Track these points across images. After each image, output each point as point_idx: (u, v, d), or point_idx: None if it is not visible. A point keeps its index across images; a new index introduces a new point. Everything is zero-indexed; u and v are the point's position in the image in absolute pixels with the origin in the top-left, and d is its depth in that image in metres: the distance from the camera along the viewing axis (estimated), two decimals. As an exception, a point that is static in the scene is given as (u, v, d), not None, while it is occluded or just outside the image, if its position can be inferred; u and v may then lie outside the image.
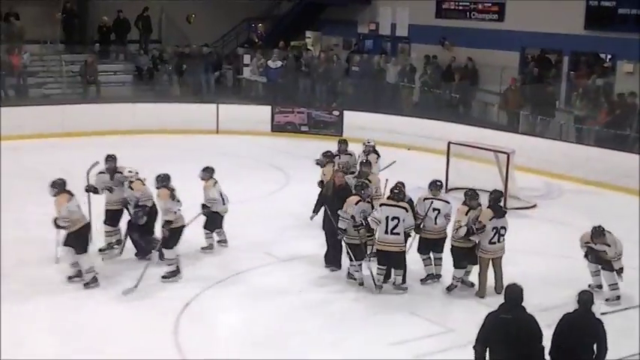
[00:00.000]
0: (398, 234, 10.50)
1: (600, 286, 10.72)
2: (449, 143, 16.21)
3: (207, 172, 11.89)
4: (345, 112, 21.40)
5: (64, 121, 20.22)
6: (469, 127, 19.06)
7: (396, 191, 10.74)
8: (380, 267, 10.76)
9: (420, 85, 22.30)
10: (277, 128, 21.86)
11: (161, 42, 25.58)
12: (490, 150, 15.63)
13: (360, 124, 20.25)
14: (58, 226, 10.47)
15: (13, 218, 12.89)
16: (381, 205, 10.70)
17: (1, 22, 22.96)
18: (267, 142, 20.48)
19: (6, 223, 12.54)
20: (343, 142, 14.06)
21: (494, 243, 10.53)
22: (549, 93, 19.94)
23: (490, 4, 22.50)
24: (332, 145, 14.16)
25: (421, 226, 10.91)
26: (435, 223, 10.95)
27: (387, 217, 10.45)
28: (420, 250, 11.14)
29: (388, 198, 10.87)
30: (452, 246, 10.86)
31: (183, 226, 11.01)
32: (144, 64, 23.98)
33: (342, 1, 26.43)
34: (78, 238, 10.48)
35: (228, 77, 24.96)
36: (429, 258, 11.13)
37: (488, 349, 7.33)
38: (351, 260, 10.87)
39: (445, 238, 11.03)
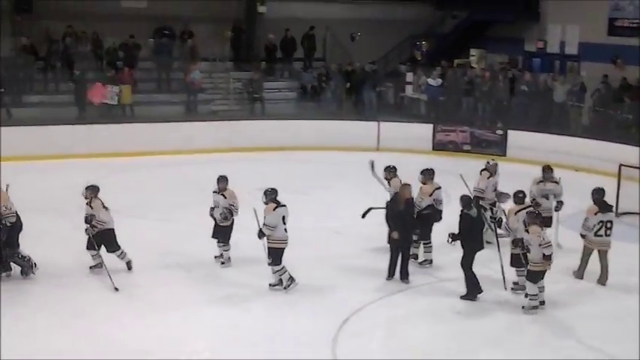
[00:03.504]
0: None
1: None
2: (620, 165, 15.48)
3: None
4: (510, 132, 20.90)
5: (231, 137, 20.80)
6: (642, 149, 18.11)
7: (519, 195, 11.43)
8: None
9: (591, 104, 21.45)
10: (439, 147, 21.64)
11: (325, 60, 25.91)
12: (665, 173, 14.80)
13: (525, 144, 19.77)
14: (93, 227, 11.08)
15: (176, 229, 13.31)
16: None
17: (177, 41, 23.96)
18: (428, 161, 20.12)
19: (170, 232, 12.94)
20: (548, 169, 13.31)
21: (600, 236, 11.38)
22: None
23: (666, 21, 21.41)
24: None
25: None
26: None
27: None
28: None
29: None
30: None
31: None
32: (308, 81, 24.35)
33: (509, 19, 25.86)
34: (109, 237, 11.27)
35: (390, 95, 24.92)
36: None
37: None
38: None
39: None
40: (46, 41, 22.24)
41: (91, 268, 11.38)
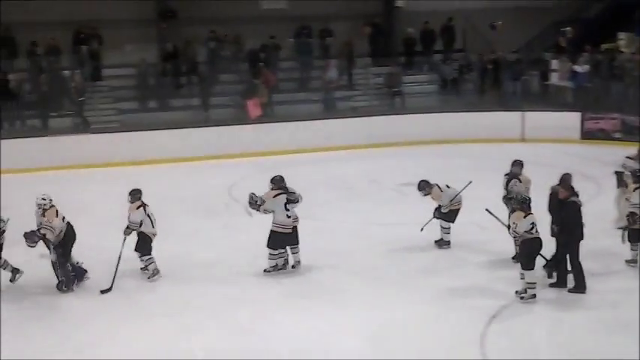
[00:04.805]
0: None
1: None
2: None
3: None
4: (663, 118, 19.86)
5: (371, 133, 20.76)
6: None
7: None
8: None
9: None
10: (587, 135, 20.89)
11: (464, 51, 25.42)
12: None
13: (681, 130, 18.69)
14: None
15: (321, 227, 13.25)
16: None
17: (316, 40, 24.13)
18: (577, 150, 19.55)
19: (312, 229, 12.90)
20: None
21: None
22: None
23: None
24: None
25: None
26: None
27: None
28: None
29: None
30: None
31: None
32: (448, 73, 23.98)
33: (659, -1, 24.55)
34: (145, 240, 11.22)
35: (533, 84, 24.19)
36: None
37: None
38: None
39: None
40: (190, 46, 22.87)
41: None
